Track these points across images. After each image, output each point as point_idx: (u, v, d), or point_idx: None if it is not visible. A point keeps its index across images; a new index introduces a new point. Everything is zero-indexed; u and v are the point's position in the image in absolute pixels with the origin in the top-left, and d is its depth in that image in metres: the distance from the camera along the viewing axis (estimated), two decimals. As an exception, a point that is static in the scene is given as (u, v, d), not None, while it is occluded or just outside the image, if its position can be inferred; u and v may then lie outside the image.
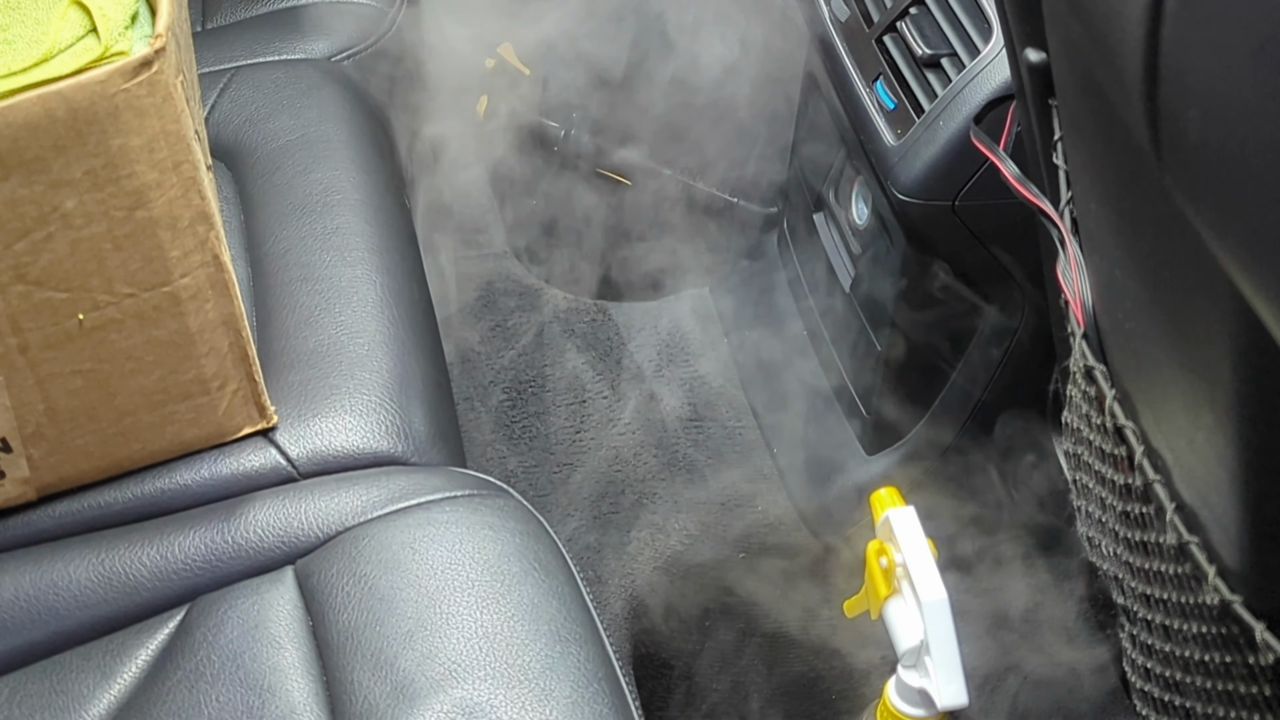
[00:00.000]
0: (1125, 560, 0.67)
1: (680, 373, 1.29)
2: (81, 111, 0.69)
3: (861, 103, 1.03)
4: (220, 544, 0.81)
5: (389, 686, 0.73)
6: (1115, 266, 0.62)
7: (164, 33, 0.71)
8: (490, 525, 0.80)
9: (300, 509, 0.82)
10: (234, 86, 1.08)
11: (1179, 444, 0.60)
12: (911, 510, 0.85)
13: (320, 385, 0.88)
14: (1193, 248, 0.49)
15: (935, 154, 0.96)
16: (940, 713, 0.86)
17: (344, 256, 0.95)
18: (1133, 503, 0.64)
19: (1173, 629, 0.64)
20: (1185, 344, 0.56)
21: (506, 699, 0.72)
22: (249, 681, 0.75)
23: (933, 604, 0.81)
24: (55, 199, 0.71)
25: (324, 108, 1.07)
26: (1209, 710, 0.64)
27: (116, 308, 0.76)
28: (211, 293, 0.78)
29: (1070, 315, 0.68)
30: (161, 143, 0.72)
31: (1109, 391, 0.64)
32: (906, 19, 1.00)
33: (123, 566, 0.81)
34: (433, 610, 0.76)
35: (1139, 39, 0.45)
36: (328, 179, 1.00)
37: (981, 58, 0.94)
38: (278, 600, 0.79)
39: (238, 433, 0.84)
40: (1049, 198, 0.69)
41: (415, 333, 0.94)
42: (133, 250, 0.74)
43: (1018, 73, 0.69)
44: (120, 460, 0.83)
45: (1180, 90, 0.45)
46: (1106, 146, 0.58)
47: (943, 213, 0.98)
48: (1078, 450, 0.71)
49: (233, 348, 0.80)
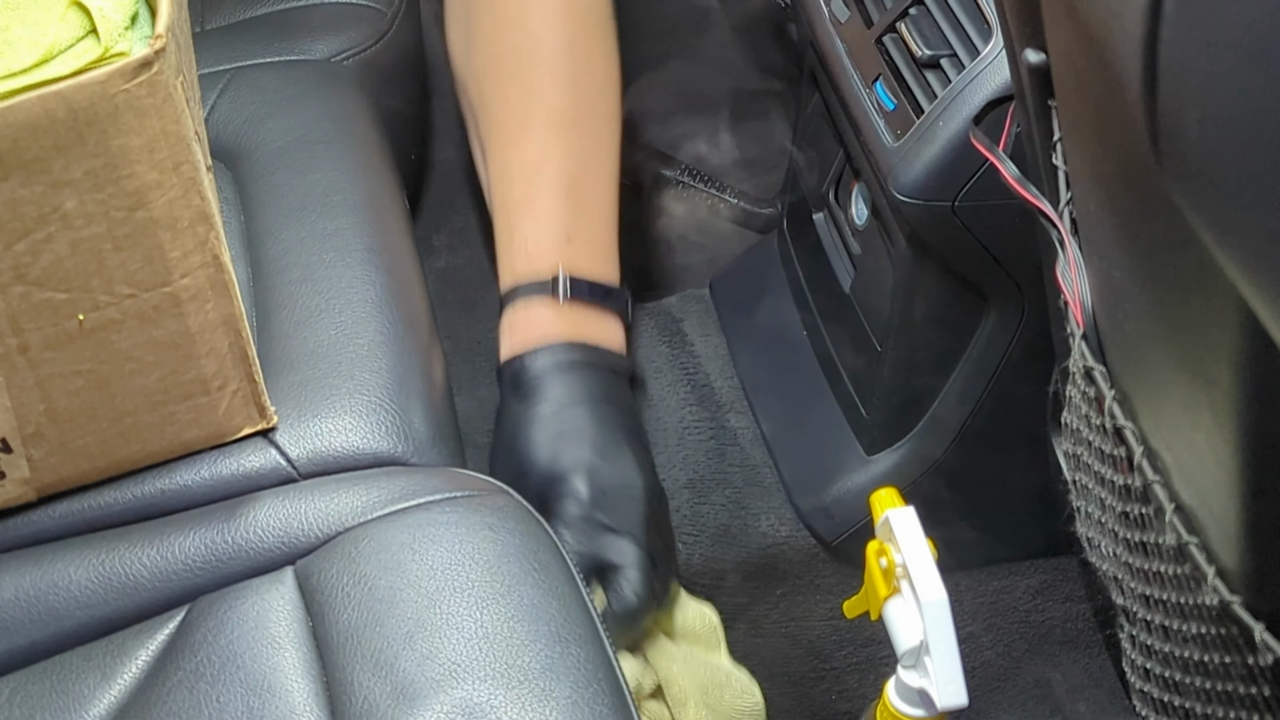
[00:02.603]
0: (1125, 561, 0.67)
1: (679, 373, 1.29)
2: (81, 112, 0.69)
3: (861, 103, 1.03)
4: (220, 544, 0.81)
5: (389, 687, 0.73)
6: (1115, 267, 0.62)
7: (164, 33, 0.71)
8: (490, 526, 0.80)
9: (300, 509, 0.82)
10: (234, 87, 1.08)
11: (1178, 445, 0.60)
12: (911, 510, 0.85)
13: (320, 385, 0.88)
14: (1192, 248, 0.49)
15: (935, 155, 0.96)
16: (940, 713, 0.86)
17: (344, 257, 0.95)
18: (1132, 503, 0.64)
19: (1172, 629, 0.64)
20: (1185, 345, 0.56)
21: (506, 699, 0.72)
22: (249, 682, 0.75)
23: (933, 604, 0.81)
24: (55, 199, 0.71)
25: (324, 108, 1.07)
26: (1208, 711, 0.64)
27: (116, 308, 0.76)
28: (211, 293, 0.78)
29: (1070, 316, 0.68)
30: (161, 143, 0.72)
31: (1108, 392, 0.64)
32: (906, 20, 1.00)
33: (123, 566, 0.81)
34: (433, 611, 0.76)
35: (1138, 40, 0.45)
36: (328, 179, 1.00)
37: (981, 59, 0.94)
38: (278, 600, 0.79)
39: (238, 433, 0.84)
40: (1048, 198, 0.69)
41: (415, 333, 0.94)
42: (133, 251, 0.74)
43: (1017, 74, 0.69)
44: (120, 460, 0.83)
45: (1179, 91, 0.45)
46: (1106, 147, 0.58)
47: (942, 213, 0.98)
48: (1077, 451, 0.71)
49: (233, 348, 0.80)
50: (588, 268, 1.05)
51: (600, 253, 1.07)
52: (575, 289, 1.04)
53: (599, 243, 1.07)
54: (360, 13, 1.17)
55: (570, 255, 1.05)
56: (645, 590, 0.97)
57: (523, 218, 1.06)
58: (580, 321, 1.04)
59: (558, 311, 1.04)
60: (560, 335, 1.03)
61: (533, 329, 1.04)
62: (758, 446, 1.24)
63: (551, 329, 1.04)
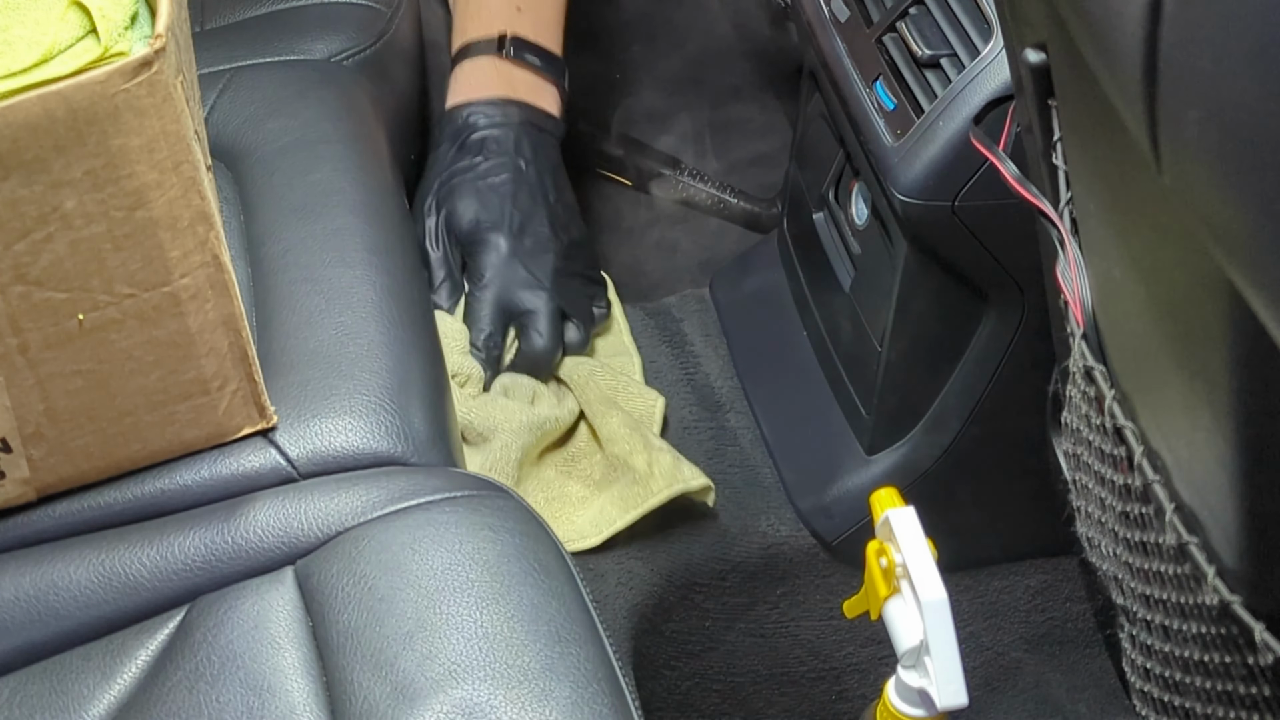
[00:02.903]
0: (1124, 560, 0.67)
1: (679, 373, 1.29)
2: (81, 112, 0.69)
3: (861, 103, 1.03)
4: (220, 544, 0.81)
5: (389, 687, 0.73)
6: (1115, 267, 0.62)
7: (164, 33, 0.71)
8: (490, 526, 0.80)
9: (300, 509, 0.82)
10: (233, 87, 1.08)
11: (1178, 444, 0.60)
12: (911, 510, 0.85)
13: (320, 386, 0.88)
14: (1192, 248, 0.49)
15: (935, 154, 0.96)
16: (940, 713, 0.86)
17: (344, 257, 0.95)
18: (1132, 503, 0.64)
19: (1172, 629, 0.64)
20: (1184, 344, 0.56)
21: (506, 699, 0.72)
22: (249, 682, 0.75)
23: (933, 604, 0.81)
24: (55, 199, 0.71)
25: (324, 108, 1.07)
26: (1208, 711, 0.64)
27: (116, 308, 0.76)
28: (211, 293, 0.78)
29: (1070, 315, 0.68)
30: (161, 143, 0.72)
31: (1108, 392, 0.64)
32: (906, 19, 1.00)
33: (123, 566, 0.81)
34: (432, 611, 0.76)
35: (1138, 40, 0.45)
36: (327, 179, 1.00)
37: (981, 58, 0.94)
38: (278, 600, 0.79)
39: (238, 433, 0.84)
40: (1049, 198, 0.69)
41: (415, 333, 0.94)
42: (133, 250, 0.74)
43: (1017, 73, 0.69)
44: (120, 460, 0.83)
45: (1179, 91, 0.45)
46: (1106, 147, 0.58)
47: (942, 213, 0.98)
48: (1077, 450, 0.71)
49: (233, 348, 0.80)
50: (533, 35, 1.19)
51: (546, 25, 1.22)
52: (517, 48, 1.19)
53: (546, 17, 1.22)
54: (360, 13, 1.17)
55: (517, 21, 1.19)
56: (552, 335, 1.14)
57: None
58: (518, 81, 1.19)
59: (498, 68, 1.18)
60: (499, 91, 1.18)
61: (475, 83, 1.19)
62: (758, 446, 1.24)
63: (492, 84, 1.18)
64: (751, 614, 1.20)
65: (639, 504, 1.11)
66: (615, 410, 1.15)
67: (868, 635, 1.19)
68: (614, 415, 1.14)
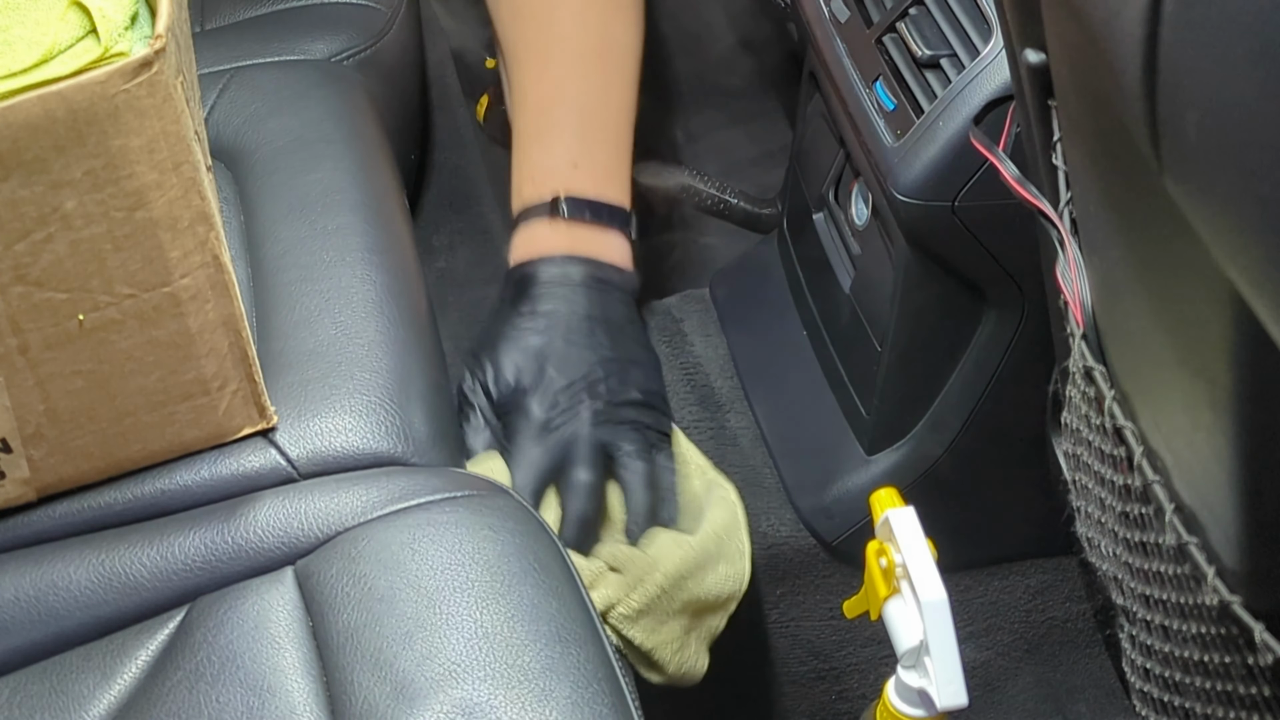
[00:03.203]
0: (1124, 561, 0.67)
1: (679, 373, 1.29)
2: (81, 112, 0.69)
3: (861, 103, 1.03)
4: (220, 544, 0.81)
5: (389, 686, 0.73)
6: (1114, 267, 0.62)
7: (164, 33, 0.71)
8: (490, 525, 0.80)
9: (300, 509, 0.82)
10: (234, 87, 1.08)
11: (1178, 444, 0.60)
12: (911, 510, 0.85)
13: (320, 386, 0.88)
14: (1192, 248, 0.49)
15: (935, 155, 0.96)
16: (940, 713, 0.86)
17: (344, 257, 0.95)
18: (1132, 503, 0.64)
19: (1172, 629, 0.64)
20: (1184, 344, 0.56)
21: (506, 699, 0.72)
22: (249, 682, 0.75)
23: (932, 604, 0.81)
24: (55, 200, 0.71)
25: (324, 108, 1.07)
26: (1208, 711, 0.64)
27: (116, 308, 0.76)
28: (211, 293, 0.78)
29: (1069, 316, 0.68)
30: (161, 143, 0.72)
31: (1108, 392, 0.64)
32: (906, 20, 1.00)
33: (123, 567, 0.81)
34: (432, 610, 0.76)
35: (1138, 40, 0.45)
36: (328, 179, 1.00)
37: (981, 59, 0.94)
38: (278, 600, 0.79)
39: (238, 433, 0.84)
40: (1048, 198, 0.69)
41: (415, 333, 0.94)
42: (133, 251, 0.74)
43: (1017, 74, 0.69)
44: (120, 461, 0.83)
45: (1179, 92, 0.45)
46: (1106, 147, 0.58)
47: (942, 213, 0.98)
48: (1077, 451, 0.71)
49: (233, 348, 0.80)
50: (592, 190, 1.11)
51: (606, 177, 1.13)
52: (575, 208, 1.10)
53: (606, 168, 1.13)
54: (360, 13, 1.17)
55: (573, 179, 1.11)
56: (589, 498, 1.01)
57: (533, 147, 1.12)
58: (580, 237, 1.10)
59: (555, 228, 1.10)
60: (560, 249, 1.09)
61: (534, 244, 1.10)
62: (758, 447, 1.24)
63: (550, 243, 1.10)
64: (751, 614, 1.20)
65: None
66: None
67: (868, 635, 1.19)
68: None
